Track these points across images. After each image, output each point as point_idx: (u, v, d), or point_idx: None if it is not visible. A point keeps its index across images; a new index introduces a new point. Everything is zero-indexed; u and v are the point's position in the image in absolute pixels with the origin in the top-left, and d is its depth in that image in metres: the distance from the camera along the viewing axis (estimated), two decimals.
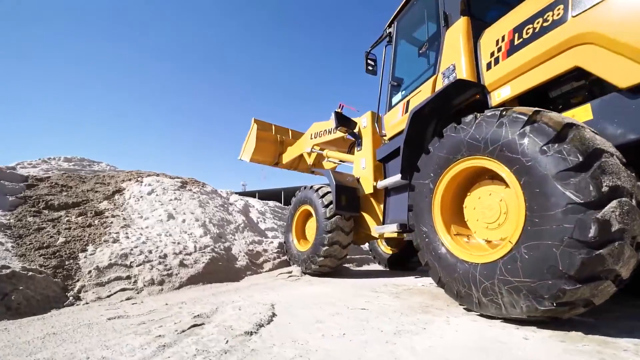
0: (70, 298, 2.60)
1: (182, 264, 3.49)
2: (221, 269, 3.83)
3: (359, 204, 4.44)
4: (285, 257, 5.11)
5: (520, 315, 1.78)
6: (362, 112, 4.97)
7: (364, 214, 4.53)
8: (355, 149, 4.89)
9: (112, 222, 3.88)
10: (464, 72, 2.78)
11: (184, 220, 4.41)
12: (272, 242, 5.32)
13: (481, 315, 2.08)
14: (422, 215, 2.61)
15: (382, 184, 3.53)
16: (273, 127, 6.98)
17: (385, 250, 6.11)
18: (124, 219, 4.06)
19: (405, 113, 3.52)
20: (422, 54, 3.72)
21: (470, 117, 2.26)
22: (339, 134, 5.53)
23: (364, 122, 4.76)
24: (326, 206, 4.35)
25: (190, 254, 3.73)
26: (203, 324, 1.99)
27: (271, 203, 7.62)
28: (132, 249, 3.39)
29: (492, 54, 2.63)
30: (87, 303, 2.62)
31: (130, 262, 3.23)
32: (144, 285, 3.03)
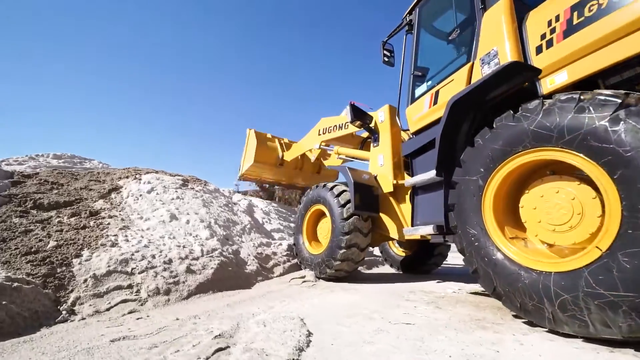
0: (64, 313, 2.23)
1: (189, 270, 3.13)
2: (231, 275, 3.48)
3: (378, 204, 4.13)
4: (296, 261, 4.77)
5: (616, 336, 1.49)
6: (374, 110, 4.69)
7: (382, 215, 4.23)
8: (371, 145, 4.58)
9: (109, 224, 3.50)
10: (509, 57, 2.50)
11: (188, 221, 4.04)
12: (280, 245, 4.98)
13: (552, 331, 1.78)
14: (468, 216, 2.31)
15: (410, 181, 3.23)
16: (269, 135, 6.74)
17: (398, 252, 5.83)
18: (123, 219, 3.67)
19: (434, 104, 3.23)
20: (451, 41, 3.44)
21: (535, 102, 1.97)
22: (350, 130, 5.23)
23: (381, 117, 4.46)
24: (342, 206, 4.03)
25: (197, 258, 3.37)
26: (228, 346, 1.65)
27: (274, 203, 7.27)
28: (133, 254, 3.02)
29: (542, 36, 2.35)
30: (83, 318, 2.25)
31: (132, 269, 2.86)
32: (149, 296, 2.67)
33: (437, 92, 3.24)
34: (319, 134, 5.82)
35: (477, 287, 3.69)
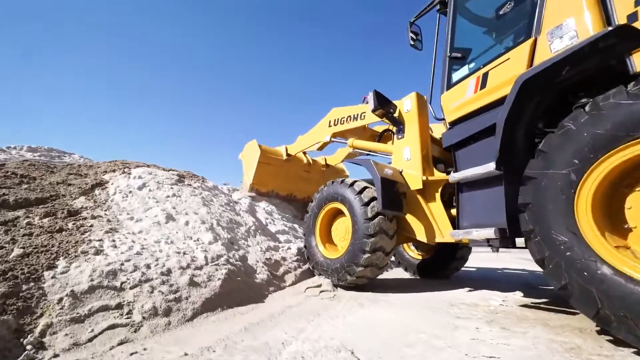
0: (29, 348, 1.64)
1: (192, 283, 2.57)
2: (241, 287, 2.93)
3: (403, 202, 3.67)
4: (307, 266, 4.25)
5: None
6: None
7: (408, 215, 3.77)
8: (395, 137, 4.11)
9: (92, 226, 2.89)
10: (590, 29, 2.07)
11: (187, 223, 3.46)
12: (289, 248, 4.45)
13: None
14: (554, 218, 1.86)
15: (457, 176, 2.76)
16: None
17: (414, 255, 5.39)
18: (109, 220, 3.07)
19: (482, 88, 2.78)
20: (501, 16, 3.00)
21: None
22: (366, 121, 4.76)
23: (407, 105, 4.00)
24: (366, 204, 3.55)
25: (200, 267, 2.81)
26: None
27: (274, 201, 6.70)
28: (122, 263, 2.44)
29: (637, 2, 1.93)
30: (56, 355, 1.67)
31: (122, 283, 2.28)
32: (144, 318, 2.10)
33: (485, 75, 2.80)
34: (330, 126, 5.31)
35: (516, 296, 3.28)
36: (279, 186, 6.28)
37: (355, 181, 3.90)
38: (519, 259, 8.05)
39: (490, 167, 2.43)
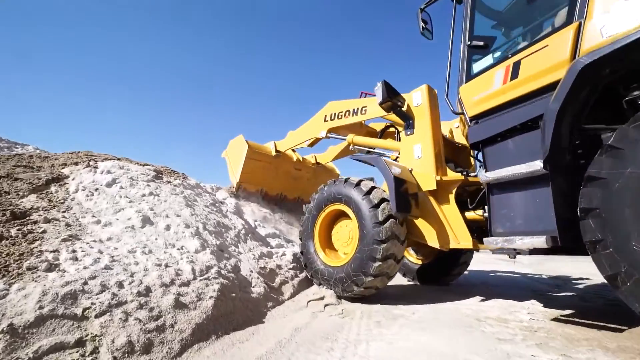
0: None
1: (178, 304, 2.05)
2: (237, 305, 2.44)
3: (414, 204, 3.33)
4: (305, 274, 3.81)
5: None
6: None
7: (420, 218, 3.45)
8: (403, 133, 3.78)
9: (45, 232, 2.26)
10: None
11: (168, 227, 2.89)
12: (284, 255, 3.98)
13: None
14: (635, 226, 1.56)
15: (491, 176, 2.44)
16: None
17: (414, 260, 5.10)
18: (68, 225, 2.44)
19: (513, 79, 2.48)
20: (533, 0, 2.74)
21: None
22: (367, 116, 4.40)
23: (417, 99, 3.67)
24: (375, 206, 3.17)
25: (187, 283, 2.29)
26: None
27: (262, 201, 6.17)
28: (86, 282, 1.88)
29: None
30: None
31: (85, 310, 1.73)
32: (115, 359, 1.57)
33: (516, 64, 2.50)
34: (326, 120, 4.90)
35: (535, 306, 3.05)
36: (267, 185, 5.77)
37: (362, 180, 3.52)
38: (495, 260, 8.07)
39: (536, 165, 2.12)
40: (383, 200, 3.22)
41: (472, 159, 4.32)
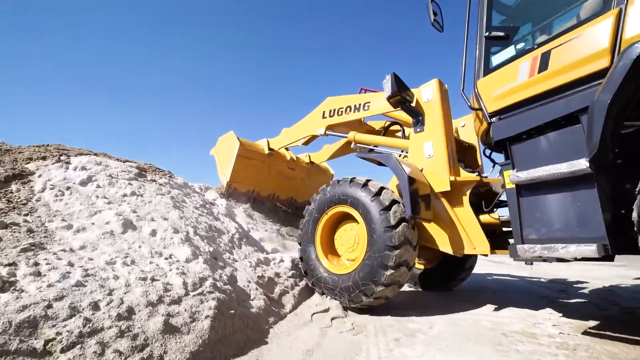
0: None
1: (169, 328, 1.69)
2: (236, 324, 2.09)
3: (425, 206, 3.10)
4: (304, 282, 3.50)
5: None
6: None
7: (431, 222, 3.22)
8: (413, 130, 3.53)
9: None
10: None
11: (153, 232, 2.51)
12: (282, 261, 3.65)
13: None
14: None
15: (523, 176, 2.20)
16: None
17: (417, 265, 4.87)
18: (31, 231, 2.02)
19: (542, 71, 2.27)
20: None
21: None
22: (369, 112, 4.13)
23: (427, 94, 3.44)
24: (386, 209, 2.91)
25: (178, 300, 1.93)
26: None
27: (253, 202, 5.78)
28: (50, 305, 1.49)
29: None
30: None
31: (47, 343, 1.35)
32: None
33: (545, 55, 2.29)
34: (324, 117, 4.59)
35: (555, 317, 2.86)
36: (259, 185, 5.40)
37: (369, 180, 3.24)
38: (485, 262, 8.00)
39: (580, 164, 1.90)
40: (394, 202, 2.97)
41: (479, 159, 4.15)
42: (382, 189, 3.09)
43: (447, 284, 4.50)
